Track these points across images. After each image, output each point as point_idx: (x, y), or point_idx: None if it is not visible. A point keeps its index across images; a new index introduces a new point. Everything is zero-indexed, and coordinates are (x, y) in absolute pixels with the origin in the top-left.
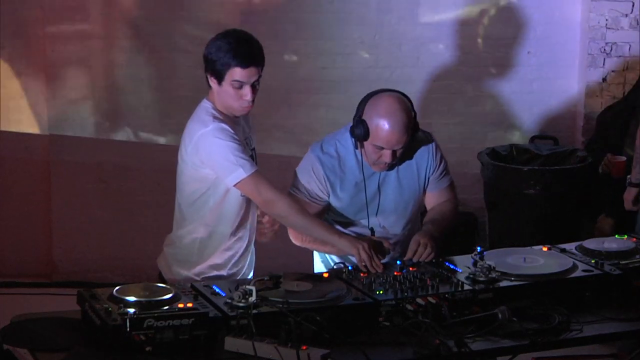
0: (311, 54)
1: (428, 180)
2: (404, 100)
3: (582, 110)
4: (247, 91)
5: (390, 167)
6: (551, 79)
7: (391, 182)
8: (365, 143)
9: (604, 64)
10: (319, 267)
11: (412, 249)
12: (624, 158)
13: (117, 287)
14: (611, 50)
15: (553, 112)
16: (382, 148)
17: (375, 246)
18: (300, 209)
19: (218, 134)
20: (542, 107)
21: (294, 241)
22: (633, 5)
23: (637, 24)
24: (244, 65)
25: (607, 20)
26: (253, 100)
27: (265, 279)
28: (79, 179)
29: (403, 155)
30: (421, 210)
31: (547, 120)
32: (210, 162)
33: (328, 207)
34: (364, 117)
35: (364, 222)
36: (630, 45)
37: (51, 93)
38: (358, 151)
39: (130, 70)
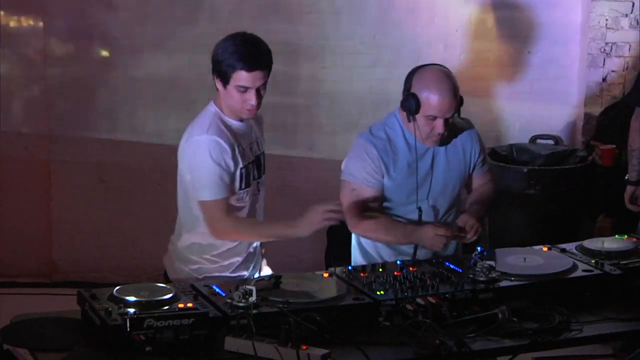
0: (311, 53)
1: (474, 165)
2: (447, 70)
3: (582, 110)
4: (251, 95)
5: (442, 140)
6: (551, 79)
7: (441, 163)
8: (417, 117)
9: (604, 64)
10: (359, 262)
11: (463, 227)
12: (613, 146)
13: (117, 287)
14: (611, 50)
15: (553, 112)
16: (435, 118)
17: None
18: (247, 225)
19: (207, 146)
20: (542, 107)
21: (352, 230)
22: (633, 5)
23: (637, 24)
24: (249, 68)
25: (607, 20)
26: (259, 105)
27: (266, 279)
28: (79, 179)
29: (449, 137)
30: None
31: (547, 120)
32: (189, 169)
33: (382, 195)
34: (412, 91)
35: (415, 203)
36: (630, 45)
37: (51, 93)
38: (407, 133)
39: (131, 70)
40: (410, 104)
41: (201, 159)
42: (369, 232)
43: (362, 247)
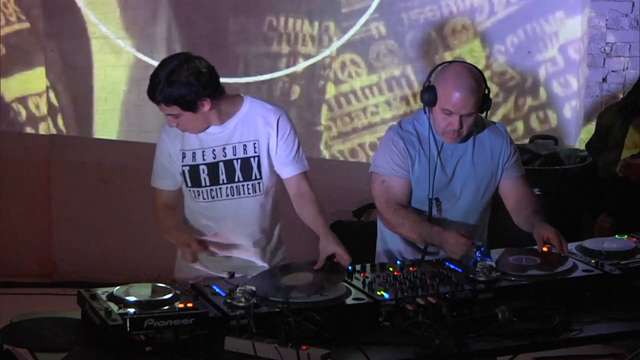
0: (311, 54)
1: (503, 168)
2: (473, 68)
3: (582, 110)
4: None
5: (460, 137)
6: (551, 79)
7: (467, 164)
8: (434, 110)
9: (604, 64)
10: (380, 260)
11: (554, 242)
12: None
13: (117, 287)
14: (611, 50)
15: (553, 112)
16: (451, 113)
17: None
18: (160, 218)
19: (160, 135)
20: (542, 107)
21: (384, 223)
22: (633, 5)
23: (637, 24)
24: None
25: (607, 20)
26: (189, 130)
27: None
28: (79, 179)
29: (474, 137)
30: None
31: (547, 120)
32: None
33: (410, 186)
34: (432, 83)
35: (440, 198)
36: (630, 45)
37: (51, 93)
38: (435, 128)
39: (131, 70)
40: (428, 96)
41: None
42: (399, 226)
43: (384, 241)
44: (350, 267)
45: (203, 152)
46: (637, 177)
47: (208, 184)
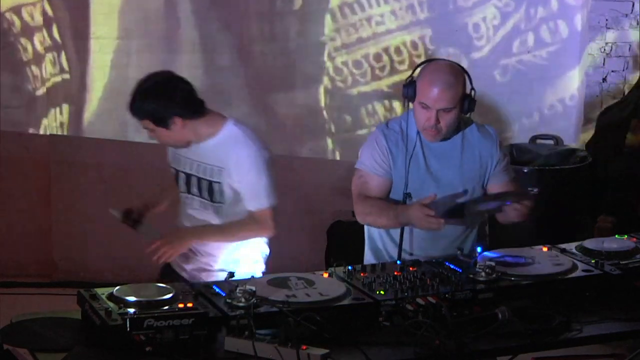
0: (311, 53)
1: (490, 172)
2: (455, 66)
3: (582, 110)
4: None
5: (440, 134)
6: (551, 79)
7: (453, 165)
8: (415, 106)
9: (604, 64)
10: (368, 258)
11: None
12: None
13: (117, 287)
14: (611, 50)
15: (553, 112)
16: (428, 107)
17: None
18: None
19: None
20: (542, 107)
21: (357, 217)
22: (633, 5)
23: (637, 24)
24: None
25: (607, 20)
26: (169, 144)
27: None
28: (79, 179)
29: (467, 142)
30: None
31: (547, 120)
32: None
33: (389, 186)
34: (414, 79)
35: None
36: (630, 45)
37: (51, 93)
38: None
39: (130, 71)
40: (407, 90)
41: None
42: (367, 215)
43: (370, 239)
44: (350, 267)
45: (185, 160)
46: None
47: (184, 190)
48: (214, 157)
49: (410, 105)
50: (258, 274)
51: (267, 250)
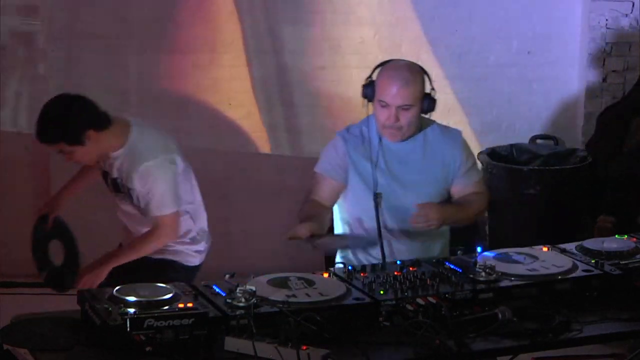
0: (311, 53)
1: (454, 175)
2: (414, 65)
3: (582, 110)
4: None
5: (401, 133)
6: (551, 79)
7: (415, 167)
8: (375, 105)
9: (604, 64)
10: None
11: (418, 210)
12: None
13: (117, 287)
14: (611, 50)
15: (553, 112)
16: (387, 105)
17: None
18: None
19: None
20: (542, 107)
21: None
22: (633, 5)
23: (637, 24)
24: None
25: (607, 20)
26: (87, 162)
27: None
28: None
29: (429, 145)
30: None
31: (547, 120)
32: None
33: (340, 191)
34: (373, 79)
35: (389, 206)
36: (630, 45)
37: (51, 93)
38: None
39: (130, 71)
40: (366, 90)
41: None
42: (299, 218)
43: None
44: (350, 267)
45: (107, 165)
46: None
47: (113, 190)
48: (126, 166)
49: (370, 109)
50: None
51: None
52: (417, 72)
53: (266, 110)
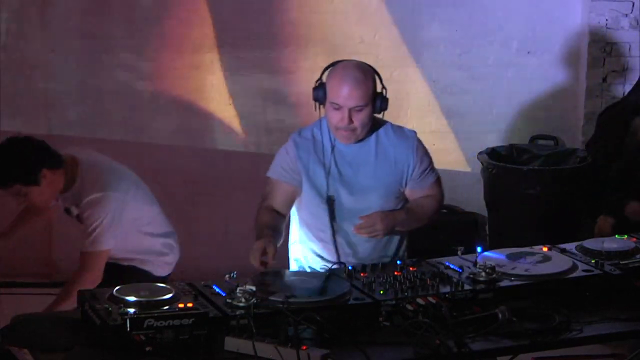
0: (311, 54)
1: (408, 178)
2: (364, 64)
3: (582, 110)
4: None
5: (355, 135)
6: (551, 79)
7: (366, 171)
8: (327, 108)
9: (604, 64)
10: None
11: (362, 221)
12: None
13: (117, 287)
14: (611, 50)
15: (553, 112)
16: (339, 107)
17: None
18: None
19: None
20: (542, 107)
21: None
22: (633, 5)
23: (637, 24)
24: None
25: (607, 20)
26: (42, 204)
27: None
28: None
29: (381, 147)
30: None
31: (547, 120)
32: None
33: (295, 195)
34: (323, 80)
35: (341, 209)
36: (630, 45)
37: (51, 93)
38: (334, 135)
39: (130, 71)
40: (317, 92)
41: None
42: (254, 229)
43: (294, 250)
44: (350, 267)
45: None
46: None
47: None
48: (78, 202)
49: (322, 110)
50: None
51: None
52: (368, 72)
53: (266, 110)
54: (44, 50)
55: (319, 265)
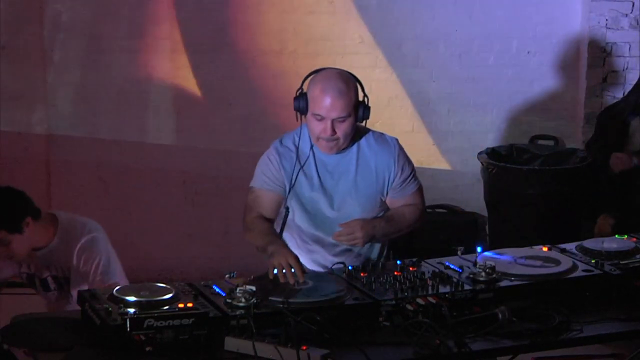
0: (311, 54)
1: (389, 187)
2: (345, 73)
3: (582, 110)
4: None
5: (338, 145)
6: (551, 79)
7: (347, 181)
8: (308, 118)
9: (604, 64)
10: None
11: (342, 229)
12: None
13: (117, 287)
14: (611, 50)
15: (553, 112)
16: (322, 118)
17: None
18: None
19: None
20: (542, 107)
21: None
22: (633, 5)
23: (637, 24)
24: None
25: (607, 20)
26: (21, 254)
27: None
28: (79, 179)
29: (362, 155)
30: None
31: (547, 120)
32: None
33: (280, 202)
34: (305, 90)
35: (323, 218)
36: (630, 45)
37: (51, 93)
38: (316, 145)
39: (130, 71)
40: (298, 102)
41: None
42: (248, 232)
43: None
44: (350, 267)
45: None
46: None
47: (43, 290)
48: (62, 253)
49: (304, 119)
50: None
51: None
52: (350, 81)
53: (266, 110)
54: (44, 49)
55: (310, 265)
